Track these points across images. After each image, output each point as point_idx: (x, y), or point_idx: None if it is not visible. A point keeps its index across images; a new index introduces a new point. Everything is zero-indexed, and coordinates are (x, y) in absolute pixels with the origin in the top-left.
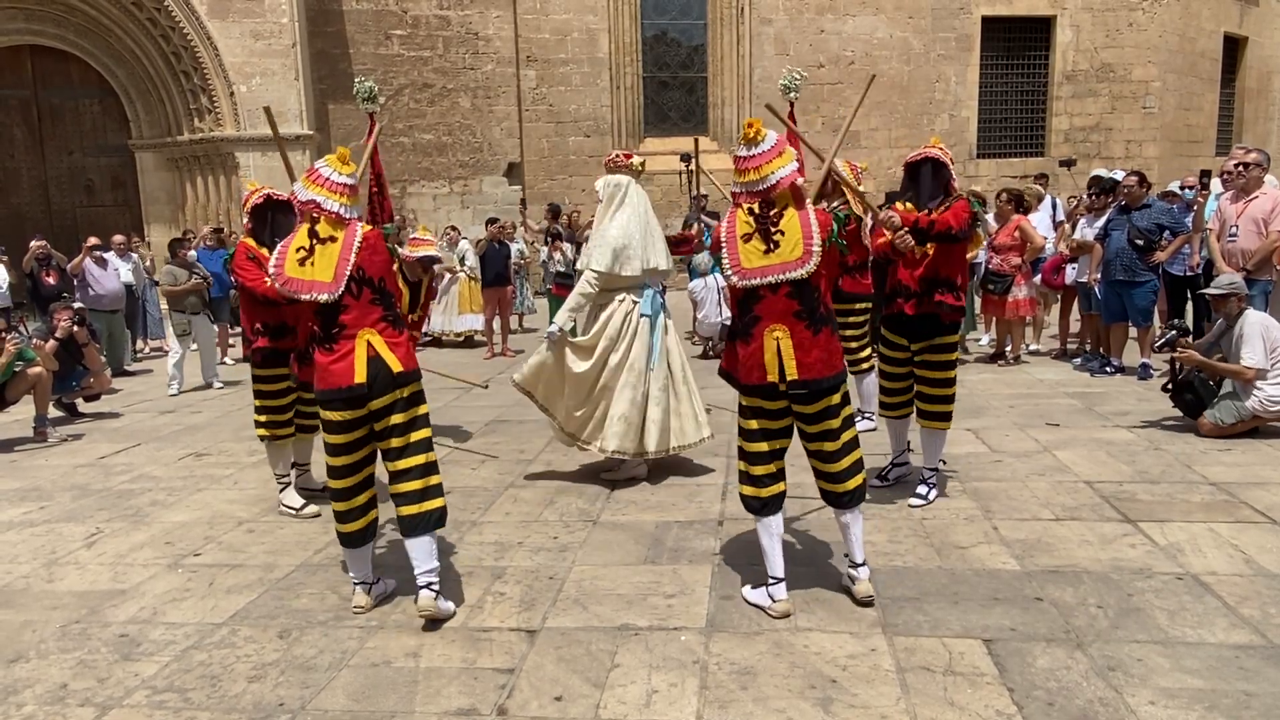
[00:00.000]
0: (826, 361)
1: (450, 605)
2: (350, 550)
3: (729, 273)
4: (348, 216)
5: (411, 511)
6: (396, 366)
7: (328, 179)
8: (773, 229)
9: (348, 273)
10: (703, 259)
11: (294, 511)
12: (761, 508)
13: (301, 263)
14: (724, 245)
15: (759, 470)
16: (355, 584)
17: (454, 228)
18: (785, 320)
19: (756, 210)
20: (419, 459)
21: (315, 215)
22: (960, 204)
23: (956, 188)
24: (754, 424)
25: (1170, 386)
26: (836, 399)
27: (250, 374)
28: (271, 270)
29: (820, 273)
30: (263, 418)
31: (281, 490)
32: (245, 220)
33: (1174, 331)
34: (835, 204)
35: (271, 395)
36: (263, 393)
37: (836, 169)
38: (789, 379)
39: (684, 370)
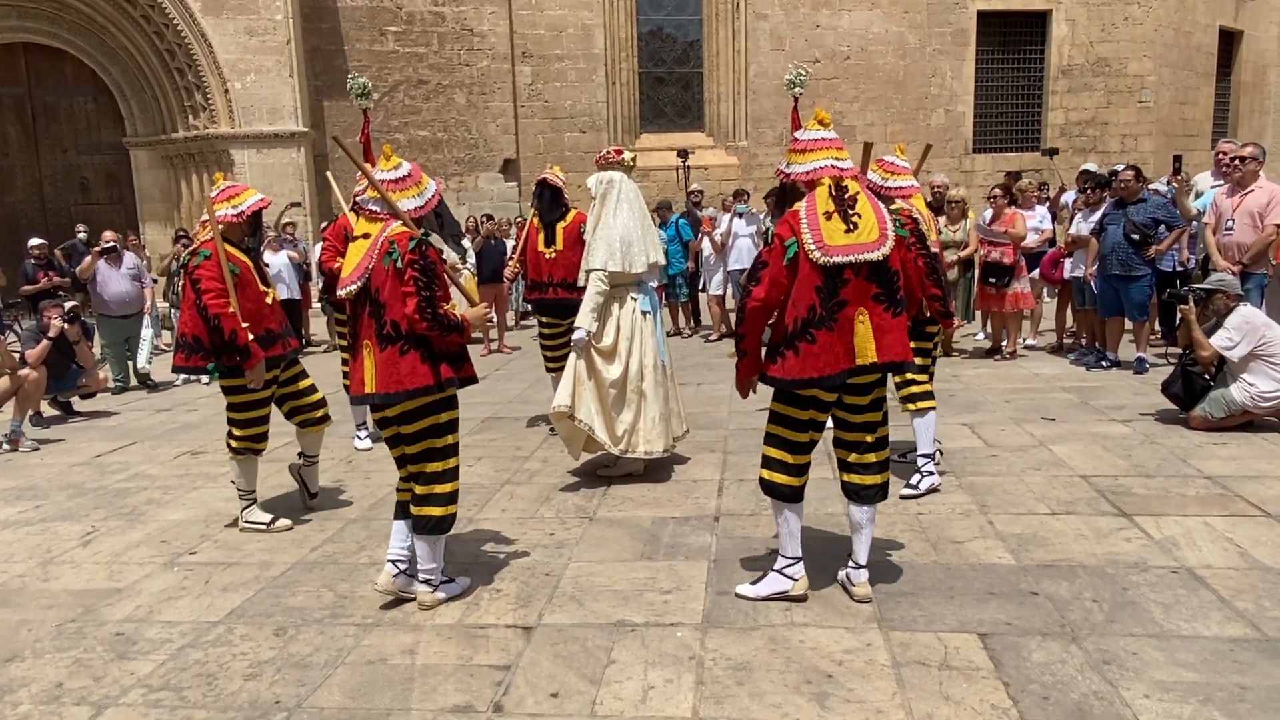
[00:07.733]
0: (904, 344)
1: (452, 588)
2: (395, 521)
3: (812, 249)
4: (381, 212)
5: (413, 511)
6: (370, 387)
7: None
8: (850, 211)
9: (365, 273)
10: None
11: (264, 527)
12: (794, 495)
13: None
14: (804, 223)
15: (801, 460)
16: (387, 559)
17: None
18: (866, 303)
19: (833, 191)
20: (423, 467)
21: (357, 211)
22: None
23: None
24: (806, 415)
25: (1169, 384)
26: (885, 391)
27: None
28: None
29: (896, 255)
30: (258, 429)
31: (247, 508)
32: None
33: (1185, 288)
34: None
35: (262, 404)
36: (258, 402)
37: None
38: (870, 362)
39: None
